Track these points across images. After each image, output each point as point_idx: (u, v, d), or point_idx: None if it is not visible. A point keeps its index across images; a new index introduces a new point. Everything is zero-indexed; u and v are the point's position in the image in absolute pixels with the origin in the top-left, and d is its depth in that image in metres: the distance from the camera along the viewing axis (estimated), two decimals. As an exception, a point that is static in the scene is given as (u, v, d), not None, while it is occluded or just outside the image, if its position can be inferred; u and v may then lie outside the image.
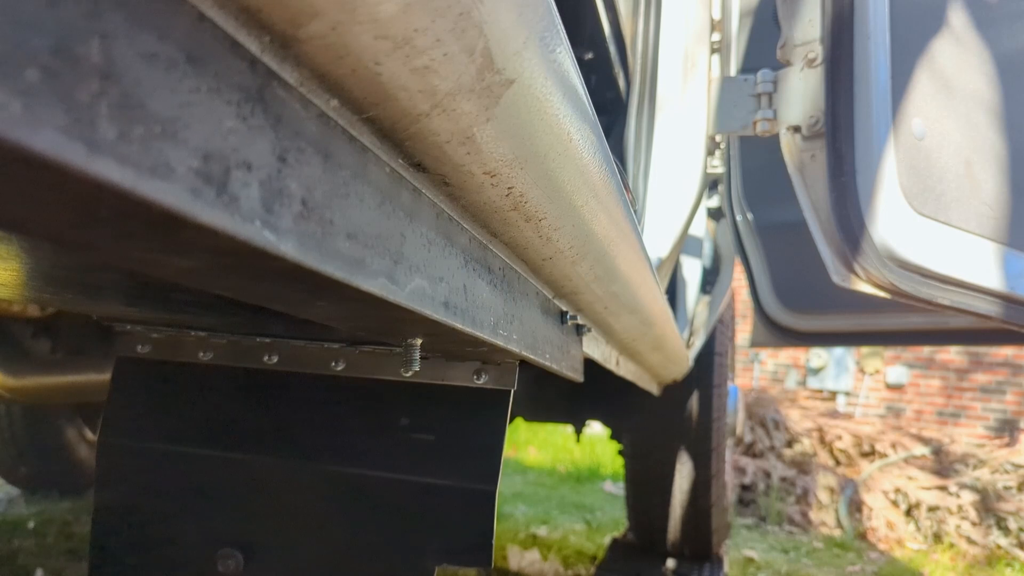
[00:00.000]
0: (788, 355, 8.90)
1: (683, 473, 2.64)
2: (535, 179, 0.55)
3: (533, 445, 6.57)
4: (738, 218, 2.79)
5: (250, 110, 0.32)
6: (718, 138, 1.49)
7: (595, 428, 3.46)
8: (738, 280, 3.55)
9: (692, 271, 2.32)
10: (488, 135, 0.46)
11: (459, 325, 0.56)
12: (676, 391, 2.49)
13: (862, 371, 8.55)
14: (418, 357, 0.61)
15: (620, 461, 2.87)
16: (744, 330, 7.38)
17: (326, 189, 0.39)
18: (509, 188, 0.54)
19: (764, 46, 2.27)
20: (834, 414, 6.23)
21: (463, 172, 0.49)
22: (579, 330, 1.01)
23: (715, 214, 2.62)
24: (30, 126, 0.22)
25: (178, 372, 0.86)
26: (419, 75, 0.38)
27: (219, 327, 0.84)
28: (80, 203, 0.26)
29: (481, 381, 0.83)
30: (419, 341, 0.61)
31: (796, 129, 1.35)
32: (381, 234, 0.44)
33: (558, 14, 0.44)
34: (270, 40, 0.33)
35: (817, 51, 1.31)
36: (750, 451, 5.11)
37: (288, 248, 0.35)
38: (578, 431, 2.86)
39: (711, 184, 2.55)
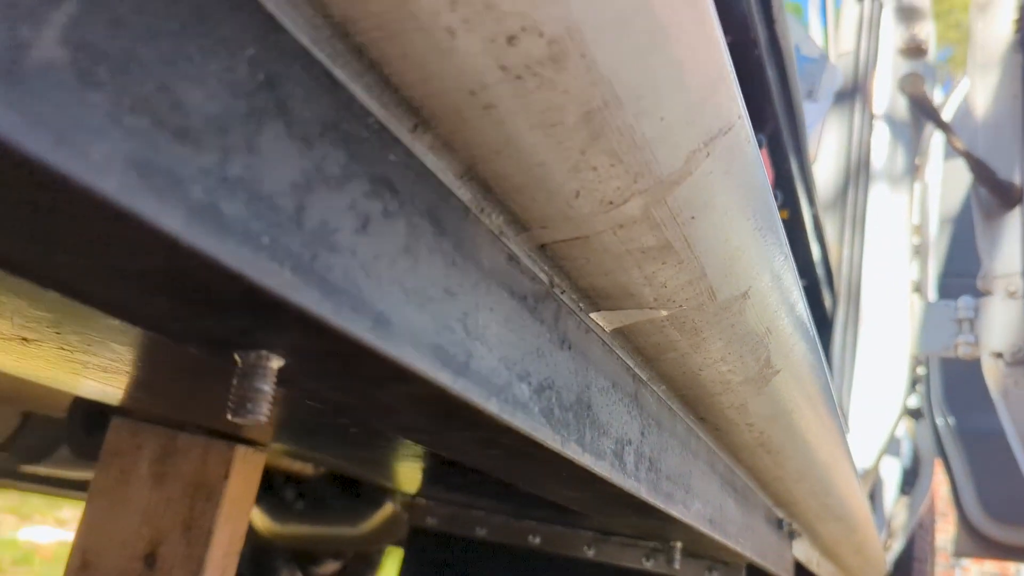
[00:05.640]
0: (995, 562, 8.00)
1: None
2: (781, 427, 0.72)
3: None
4: (939, 421, 2.74)
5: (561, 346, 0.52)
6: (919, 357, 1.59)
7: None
8: (936, 478, 3.39)
9: (891, 471, 2.32)
10: (756, 404, 0.64)
11: (717, 536, 0.72)
12: (873, 597, 2.41)
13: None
14: (679, 557, 0.77)
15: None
16: (943, 531, 6.77)
17: (655, 442, 0.58)
18: (760, 432, 0.72)
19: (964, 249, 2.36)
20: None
21: (732, 424, 0.67)
22: (792, 535, 1.13)
23: (914, 414, 2.60)
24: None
25: (457, 544, 1.06)
26: (722, 376, 0.57)
27: (494, 508, 1.04)
28: (453, 417, 0.46)
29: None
30: (680, 544, 0.78)
31: (999, 355, 1.42)
32: (682, 473, 0.62)
33: (814, 325, 0.62)
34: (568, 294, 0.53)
35: (1018, 284, 1.40)
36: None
37: (640, 490, 0.54)
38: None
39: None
